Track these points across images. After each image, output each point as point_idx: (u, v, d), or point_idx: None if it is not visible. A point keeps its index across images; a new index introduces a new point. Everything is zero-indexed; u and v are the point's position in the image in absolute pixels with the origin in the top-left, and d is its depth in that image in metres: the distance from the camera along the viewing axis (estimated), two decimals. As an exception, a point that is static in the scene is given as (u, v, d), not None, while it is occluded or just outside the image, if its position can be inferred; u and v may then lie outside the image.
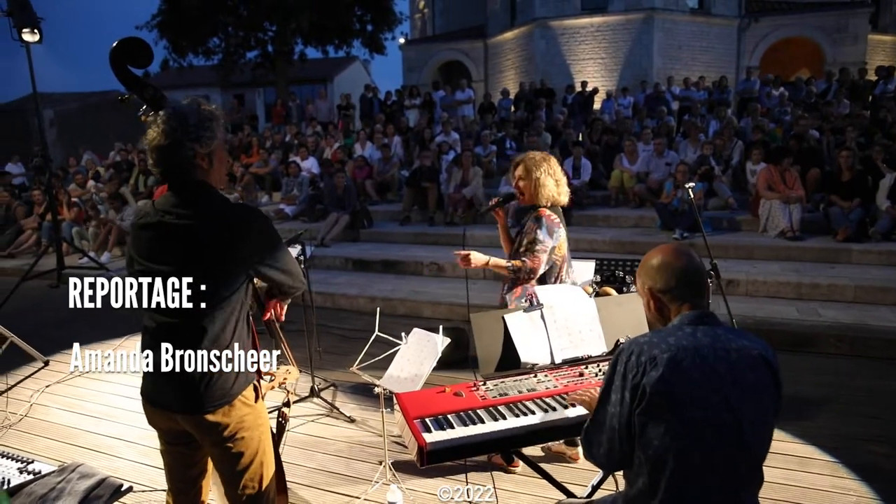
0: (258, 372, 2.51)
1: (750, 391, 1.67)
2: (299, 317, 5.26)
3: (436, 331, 3.11)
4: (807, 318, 5.68)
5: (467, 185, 9.78)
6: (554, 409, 2.23)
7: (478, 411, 2.23)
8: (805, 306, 6.00)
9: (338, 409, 4.39)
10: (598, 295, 3.85)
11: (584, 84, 16.38)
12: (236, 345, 2.03)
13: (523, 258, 3.16)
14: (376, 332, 3.37)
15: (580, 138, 11.72)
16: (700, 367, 1.64)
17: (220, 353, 1.98)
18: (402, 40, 25.91)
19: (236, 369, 2.02)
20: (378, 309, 3.51)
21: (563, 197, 3.33)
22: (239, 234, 1.96)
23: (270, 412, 2.80)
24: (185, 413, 2.00)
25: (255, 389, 2.15)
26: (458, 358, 5.06)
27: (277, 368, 3.07)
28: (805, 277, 6.47)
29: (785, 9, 20.73)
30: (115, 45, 2.22)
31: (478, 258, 3.24)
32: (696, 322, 1.74)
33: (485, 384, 2.41)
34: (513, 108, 15.66)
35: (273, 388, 2.98)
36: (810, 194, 8.42)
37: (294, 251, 4.54)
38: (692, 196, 3.92)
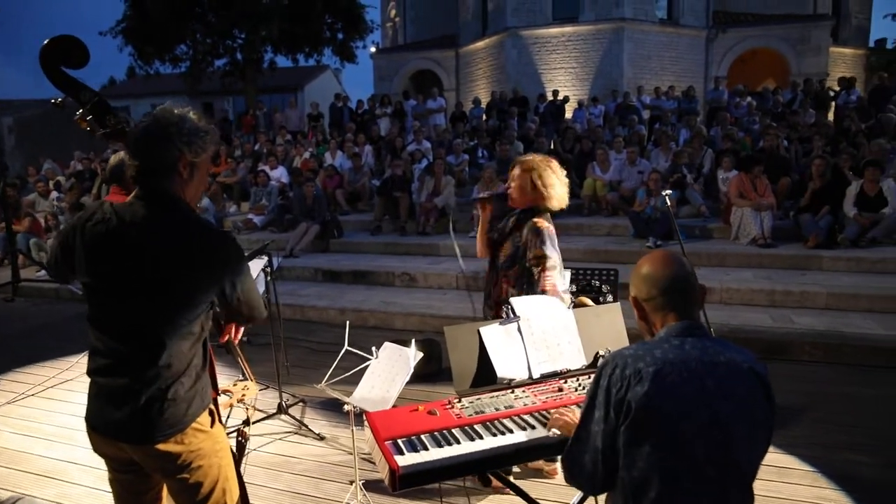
0: (214, 390, 2.37)
1: (740, 406, 1.58)
2: (266, 330, 5.09)
3: (407, 343, 2.98)
4: (781, 326, 5.67)
5: (439, 195, 9.68)
6: (533, 427, 2.11)
7: (453, 431, 2.10)
8: (778, 314, 6.00)
9: (306, 427, 4.22)
10: (574, 306, 3.76)
11: (555, 93, 16.44)
12: (192, 371, 1.88)
13: (545, 287, 3.07)
14: (346, 347, 3.22)
15: (552, 147, 11.71)
16: (688, 382, 1.55)
17: (174, 381, 1.82)
18: (373, 49, 25.82)
19: (190, 396, 1.87)
20: (348, 322, 3.37)
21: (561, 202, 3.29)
22: (210, 262, 1.82)
23: (230, 433, 2.65)
24: (132, 443, 1.84)
25: (212, 414, 1.99)
26: (431, 371, 4.93)
27: (235, 385, 2.92)
28: (778, 285, 6.48)
29: (751, 20, 21.17)
30: (45, 43, 2.04)
31: None
32: (683, 334, 1.65)
33: (460, 401, 2.28)
34: (484, 117, 15.65)
35: (231, 405, 2.83)
36: (780, 202, 8.50)
37: (260, 263, 4.38)
38: (669, 203, 3.87)
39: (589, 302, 3.91)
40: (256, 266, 4.44)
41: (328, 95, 20.35)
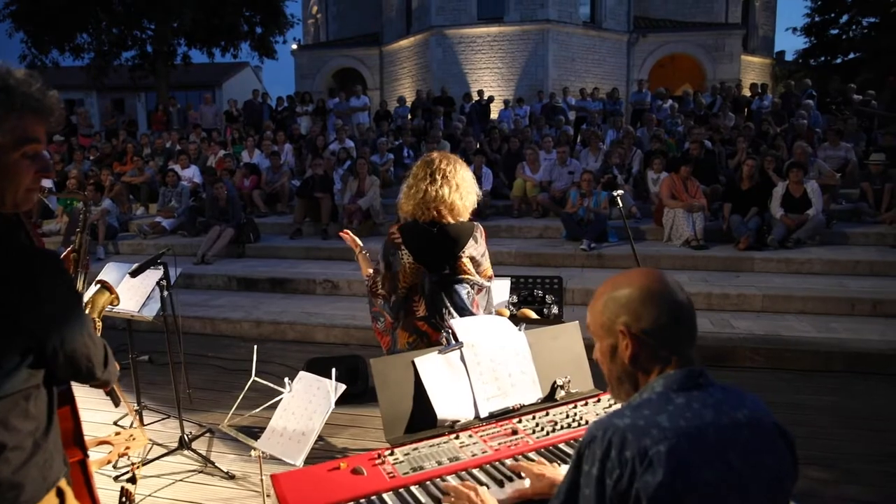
0: (80, 449, 1.82)
1: (769, 482, 1.19)
2: (166, 348, 4.46)
3: (328, 362, 2.50)
4: (721, 331, 5.51)
5: (363, 196, 9.16)
6: (486, 486, 1.69)
7: (384, 497, 1.64)
8: (717, 318, 5.85)
9: (213, 464, 3.65)
10: (514, 318, 3.38)
11: (480, 93, 16.22)
12: (25, 442, 1.33)
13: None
14: (253, 377, 2.70)
15: (479, 146, 11.43)
16: (710, 461, 1.13)
17: None
18: (294, 46, 24.90)
19: (21, 476, 1.32)
20: (255, 347, 2.84)
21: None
22: (16, 293, 1.26)
23: (120, 475, 2.10)
24: None
25: (61, 494, 1.45)
26: (356, 391, 4.43)
27: (117, 434, 2.36)
28: (715, 287, 6.36)
29: (670, 27, 21.72)
30: None
31: None
32: (686, 386, 1.22)
33: (392, 454, 1.83)
34: (410, 116, 15.24)
35: (111, 462, 2.28)
36: (709, 203, 8.49)
37: (155, 275, 3.76)
38: (621, 204, 3.56)
39: (532, 314, 3.54)
40: (151, 278, 3.83)
41: (247, 93, 19.39)
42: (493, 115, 15.70)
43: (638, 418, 1.16)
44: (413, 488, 1.68)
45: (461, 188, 2.59)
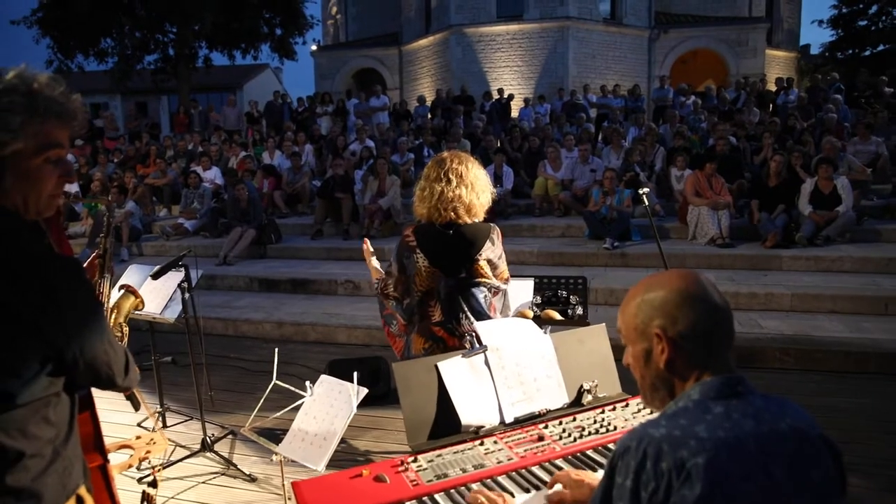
0: (100, 454, 1.80)
1: (812, 499, 1.12)
2: (188, 350, 4.47)
3: (350, 364, 2.46)
4: (750, 331, 5.38)
5: (384, 196, 9.14)
6: (511, 494, 1.64)
7: (408, 506, 1.60)
8: (745, 317, 5.72)
9: (235, 466, 3.64)
10: (538, 320, 3.32)
11: (500, 91, 16.13)
12: (45, 449, 1.31)
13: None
14: (274, 380, 2.68)
15: (500, 145, 11.36)
16: (750, 473, 1.07)
17: (11, 467, 1.25)
18: (314, 47, 25.03)
19: (41, 484, 1.30)
20: (276, 350, 2.82)
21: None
22: (36, 300, 1.23)
23: (142, 478, 2.09)
24: None
25: (80, 501, 1.42)
26: (378, 393, 4.39)
27: (137, 438, 2.35)
28: (742, 287, 6.22)
29: (691, 22, 21.43)
30: None
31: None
32: (723, 394, 1.15)
33: (416, 460, 1.78)
34: (430, 116, 15.21)
35: (131, 466, 2.26)
36: (735, 200, 8.34)
37: (177, 277, 3.76)
38: (647, 202, 3.49)
39: (557, 315, 3.47)
40: (172, 280, 3.83)
41: (268, 94, 19.52)
42: (514, 114, 15.61)
43: (674, 428, 1.10)
44: (437, 496, 1.63)
45: (475, 187, 2.53)
